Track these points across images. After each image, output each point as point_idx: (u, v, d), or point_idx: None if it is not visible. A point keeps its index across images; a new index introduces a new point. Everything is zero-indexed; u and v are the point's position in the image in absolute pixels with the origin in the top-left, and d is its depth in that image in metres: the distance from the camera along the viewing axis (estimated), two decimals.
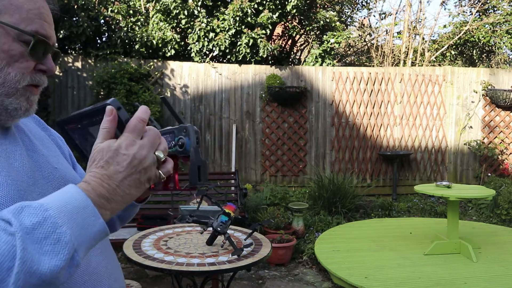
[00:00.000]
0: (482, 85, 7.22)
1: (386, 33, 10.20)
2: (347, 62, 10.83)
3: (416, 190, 4.37)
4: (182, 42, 7.05)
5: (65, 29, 6.45)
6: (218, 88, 6.95)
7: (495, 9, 9.45)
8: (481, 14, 9.54)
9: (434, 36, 10.12)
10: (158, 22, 6.93)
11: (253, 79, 6.98)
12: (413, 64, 9.24)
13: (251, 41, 6.76)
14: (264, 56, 6.91)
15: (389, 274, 3.68)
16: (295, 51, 9.30)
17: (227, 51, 7.00)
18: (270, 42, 8.06)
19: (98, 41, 7.09)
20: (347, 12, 10.28)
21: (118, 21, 6.87)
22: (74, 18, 6.58)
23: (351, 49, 11.26)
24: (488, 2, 9.28)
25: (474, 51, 10.02)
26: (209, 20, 6.90)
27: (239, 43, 6.83)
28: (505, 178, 6.89)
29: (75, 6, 6.53)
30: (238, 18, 6.75)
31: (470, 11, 9.80)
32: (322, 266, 4.01)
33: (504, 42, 9.03)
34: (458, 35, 9.26)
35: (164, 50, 6.97)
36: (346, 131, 7.11)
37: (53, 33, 0.79)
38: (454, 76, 7.26)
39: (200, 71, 6.92)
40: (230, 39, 6.80)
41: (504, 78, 7.31)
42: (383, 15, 10.45)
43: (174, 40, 6.84)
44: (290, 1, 6.98)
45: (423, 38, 9.61)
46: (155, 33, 6.84)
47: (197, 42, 6.84)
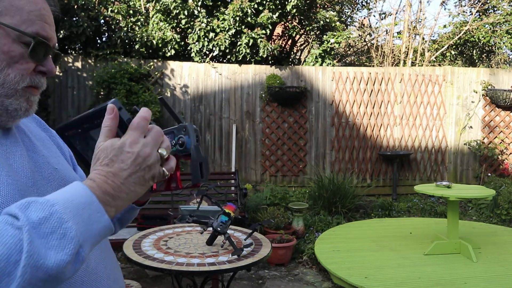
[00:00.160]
0: (482, 85, 7.22)
1: (386, 33, 10.21)
2: (347, 62, 10.83)
3: (416, 190, 4.37)
4: (182, 42, 7.05)
5: (65, 29, 6.45)
6: (218, 88, 6.95)
7: (495, 9, 9.45)
8: (481, 14, 9.54)
9: (434, 36, 10.14)
10: (158, 22, 6.93)
11: (253, 79, 6.98)
12: (413, 64, 9.24)
13: (251, 41, 6.76)
14: (264, 56, 6.91)
15: (389, 274, 3.68)
16: (295, 51, 9.30)
17: (227, 51, 7.00)
18: (270, 42, 8.06)
19: (98, 41, 7.09)
20: (347, 12, 10.29)
21: (118, 21, 6.88)
22: (74, 18, 6.59)
23: (351, 49, 11.26)
24: (488, 2, 9.29)
25: (474, 51, 10.03)
26: (209, 20, 6.90)
27: (239, 43, 6.83)
28: (505, 178, 6.89)
29: (75, 6, 6.53)
30: (238, 18, 6.75)
31: (470, 11, 9.80)
32: (322, 266, 4.01)
33: (504, 42, 9.03)
34: (458, 35, 9.26)
35: (164, 50, 6.97)
36: (346, 131, 7.11)
37: (54, 34, 0.79)
38: (454, 76, 7.26)
39: (200, 71, 6.92)
40: (230, 39, 6.81)
41: (504, 78, 7.31)
42: (383, 15, 10.46)
43: (174, 40, 6.85)
44: (290, 1, 6.98)
45: (423, 38, 9.61)
46: (155, 33, 6.84)
47: (197, 42, 6.84)
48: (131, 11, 7.12)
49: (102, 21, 6.91)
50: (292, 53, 9.07)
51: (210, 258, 2.41)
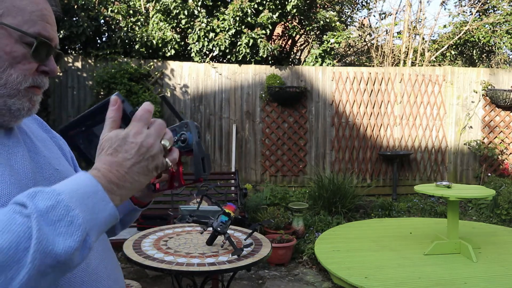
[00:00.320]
0: (482, 85, 7.22)
1: (386, 33, 10.21)
2: (347, 62, 10.83)
3: (416, 190, 4.38)
4: (182, 42, 7.05)
5: (65, 29, 6.45)
6: (218, 88, 6.95)
7: (495, 9, 9.46)
8: (481, 14, 9.54)
9: (434, 36, 10.14)
10: (158, 22, 6.93)
11: (253, 79, 6.98)
12: (413, 64, 9.24)
13: (251, 41, 6.76)
14: (264, 56, 6.91)
15: (389, 274, 3.68)
16: (295, 51, 9.30)
17: (227, 51, 7.00)
18: (270, 42, 8.06)
19: (98, 41, 7.09)
20: (347, 12, 10.29)
21: (118, 21, 6.88)
22: (74, 18, 6.58)
23: (351, 49, 11.26)
24: (488, 2, 9.29)
25: (474, 51, 10.03)
26: (209, 20, 6.90)
27: (239, 43, 6.83)
28: (505, 178, 6.89)
29: (75, 6, 6.53)
30: (238, 18, 6.75)
31: (470, 11, 9.80)
32: (322, 266, 4.01)
33: (504, 42, 9.04)
34: (458, 35, 9.26)
35: (164, 50, 6.97)
36: (346, 131, 7.11)
37: (55, 34, 0.79)
38: (454, 76, 7.26)
39: (200, 71, 6.92)
40: (230, 39, 6.81)
41: (504, 78, 7.31)
42: (383, 15, 10.46)
43: (174, 40, 6.85)
44: (290, 1, 6.98)
45: (423, 38, 9.61)
46: (155, 33, 6.84)
47: (197, 42, 6.84)
48: (131, 11, 7.12)
49: (102, 21, 6.91)
50: (292, 53, 9.07)
51: (210, 258, 2.41)
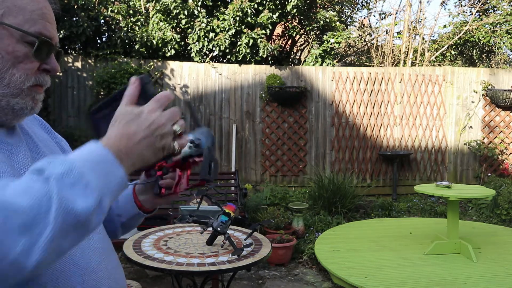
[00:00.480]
0: (482, 85, 7.22)
1: (386, 33, 10.21)
2: (347, 62, 10.83)
3: (416, 190, 4.37)
4: (182, 42, 7.05)
5: (65, 29, 6.45)
6: (218, 88, 6.95)
7: (495, 9, 9.45)
8: (481, 14, 9.54)
9: (434, 36, 10.13)
10: (158, 22, 6.93)
11: (253, 79, 6.98)
12: (413, 64, 9.24)
13: (251, 41, 6.76)
14: (264, 56, 6.91)
15: (389, 274, 3.68)
16: (295, 51, 9.30)
17: (227, 51, 7.00)
18: (270, 42, 8.06)
19: (98, 41, 7.09)
20: (347, 12, 10.29)
21: (118, 21, 6.88)
22: (74, 18, 6.58)
23: (351, 49, 11.26)
24: (488, 2, 9.29)
25: (474, 51, 10.03)
26: (209, 20, 6.90)
27: (239, 43, 6.83)
28: (505, 178, 6.89)
29: (75, 6, 6.53)
30: (238, 18, 6.75)
31: (470, 11, 9.80)
32: (322, 266, 4.01)
33: (504, 42, 9.03)
34: (458, 35, 9.26)
35: (164, 50, 6.97)
36: (346, 131, 7.11)
37: (55, 33, 0.80)
38: (454, 76, 7.26)
39: (200, 71, 6.92)
40: (230, 39, 6.80)
41: (504, 78, 7.31)
42: (383, 15, 10.46)
43: (174, 40, 6.84)
44: (290, 1, 6.98)
45: (423, 38, 9.61)
46: (155, 33, 6.84)
47: (197, 42, 6.84)
48: (131, 11, 7.12)
49: (102, 21, 6.91)
50: (292, 53, 9.07)
51: (210, 258, 2.41)
